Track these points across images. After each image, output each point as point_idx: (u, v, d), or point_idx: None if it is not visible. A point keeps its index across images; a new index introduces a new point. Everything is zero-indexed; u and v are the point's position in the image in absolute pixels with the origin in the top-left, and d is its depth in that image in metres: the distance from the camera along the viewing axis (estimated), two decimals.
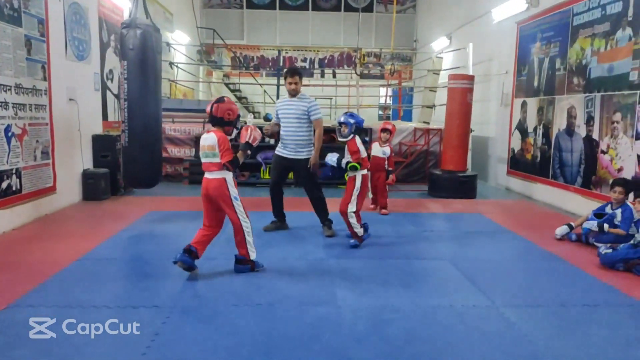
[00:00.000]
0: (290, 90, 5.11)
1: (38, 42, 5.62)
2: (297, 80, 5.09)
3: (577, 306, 3.44)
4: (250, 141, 3.89)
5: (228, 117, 3.83)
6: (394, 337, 2.92)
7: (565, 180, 6.94)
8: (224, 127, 3.86)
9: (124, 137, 5.77)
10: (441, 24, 13.47)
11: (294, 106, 5.10)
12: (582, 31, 6.56)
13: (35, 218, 5.57)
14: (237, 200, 3.84)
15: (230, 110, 3.83)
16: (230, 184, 3.82)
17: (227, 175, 3.82)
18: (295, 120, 5.08)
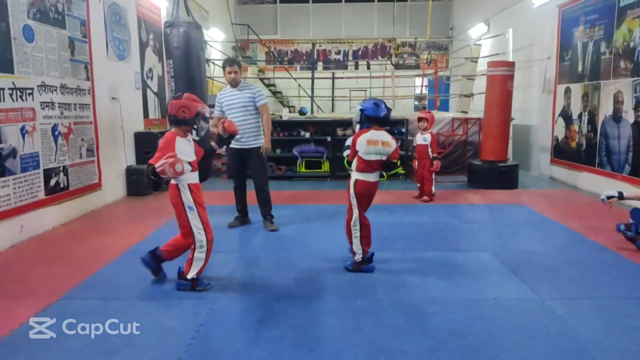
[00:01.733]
0: (230, 80, 4.97)
1: (81, 43, 5.80)
2: (237, 69, 4.97)
3: (628, 299, 3.30)
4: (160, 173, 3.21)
5: (182, 115, 3.36)
6: (435, 331, 2.88)
7: (612, 168, 6.67)
8: (180, 127, 3.40)
9: None
10: (478, 10, 13.13)
11: (238, 95, 4.98)
12: (629, 12, 6.25)
13: (82, 214, 5.78)
14: (192, 210, 3.39)
15: (184, 108, 3.36)
16: (183, 191, 3.38)
17: (180, 181, 3.37)
18: (241, 110, 4.97)
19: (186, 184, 3.40)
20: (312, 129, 8.76)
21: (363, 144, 3.71)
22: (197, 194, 3.44)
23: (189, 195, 3.39)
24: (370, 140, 3.72)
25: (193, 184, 3.44)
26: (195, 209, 3.40)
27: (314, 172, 8.50)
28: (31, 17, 4.87)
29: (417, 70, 16.43)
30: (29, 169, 4.84)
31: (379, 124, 3.79)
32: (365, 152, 3.72)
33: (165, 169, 3.19)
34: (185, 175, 3.36)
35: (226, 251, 4.34)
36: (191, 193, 3.40)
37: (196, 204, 3.41)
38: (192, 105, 3.40)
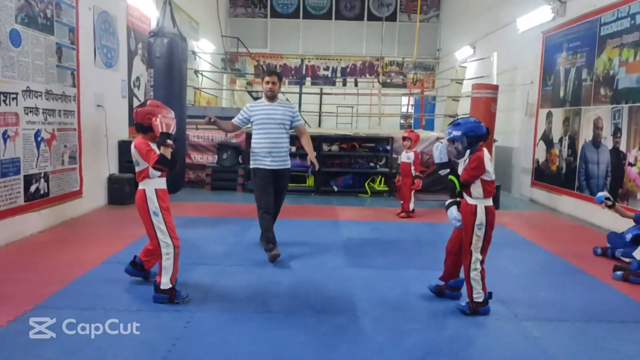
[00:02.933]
0: (267, 90, 4.59)
1: (68, 49, 5.77)
2: (276, 80, 4.58)
3: (603, 322, 3.35)
4: (165, 130, 3.28)
5: (147, 122, 3.36)
6: (413, 349, 2.89)
7: (591, 192, 6.80)
8: (147, 134, 3.42)
9: None
10: (465, 33, 13.40)
11: (278, 111, 4.62)
12: (610, 41, 6.45)
13: (62, 221, 5.70)
14: (156, 215, 3.36)
15: (149, 115, 3.36)
16: (149, 196, 3.37)
17: (148, 186, 3.39)
18: (278, 127, 4.59)
19: (153, 188, 3.41)
20: (297, 143, 8.75)
21: (488, 164, 3.30)
22: (164, 199, 3.44)
23: (155, 201, 3.39)
24: (490, 158, 3.40)
25: (160, 189, 3.45)
26: (161, 214, 3.39)
27: (298, 186, 8.51)
28: (19, 22, 4.84)
29: (403, 89, 16.66)
30: (9, 174, 4.77)
31: (484, 141, 3.39)
32: (492, 172, 3.32)
33: (168, 122, 3.30)
34: (153, 180, 3.41)
35: (206, 264, 4.32)
36: (157, 198, 3.40)
37: (162, 209, 3.40)
38: (156, 111, 3.41)
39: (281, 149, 4.64)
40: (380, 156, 8.92)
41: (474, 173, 3.28)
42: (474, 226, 3.31)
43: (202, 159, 8.86)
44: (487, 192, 3.32)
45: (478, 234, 3.31)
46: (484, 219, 3.30)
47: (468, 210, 3.34)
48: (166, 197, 3.48)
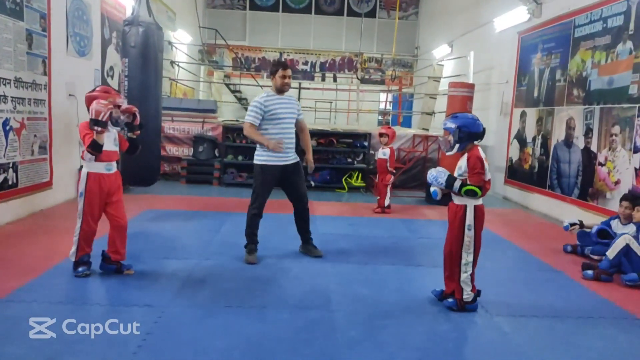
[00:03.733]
0: (283, 85, 4.32)
1: (39, 36, 5.60)
2: (290, 74, 4.38)
3: (571, 318, 3.43)
4: (94, 116, 3.39)
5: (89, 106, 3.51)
6: (386, 344, 2.91)
7: (562, 191, 6.95)
8: None
9: (123, 134, 5.75)
10: (443, 31, 13.51)
11: (292, 105, 4.43)
12: (583, 43, 6.58)
13: (31, 213, 5.55)
14: (81, 196, 3.61)
15: (94, 100, 3.49)
16: (82, 177, 3.60)
17: (84, 169, 3.60)
18: (289, 121, 4.40)
19: (86, 171, 3.58)
20: None
21: (484, 163, 3.26)
22: (92, 184, 3.56)
23: (84, 184, 3.57)
24: (485, 157, 3.31)
25: (94, 172, 3.58)
26: (83, 197, 3.58)
27: None
28: None
29: (382, 85, 16.72)
30: None
31: (479, 140, 3.34)
32: (487, 171, 3.26)
33: (97, 109, 3.39)
34: (87, 163, 3.57)
35: (179, 258, 4.26)
36: (87, 180, 3.56)
37: (86, 192, 3.57)
38: (101, 97, 3.54)
39: (292, 143, 4.42)
40: (357, 152, 8.95)
41: (482, 176, 3.21)
42: (465, 227, 3.25)
43: (178, 151, 8.74)
44: (483, 190, 3.26)
45: (469, 235, 3.25)
46: (473, 219, 3.25)
47: (458, 211, 3.28)
48: (104, 182, 3.60)
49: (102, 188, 3.60)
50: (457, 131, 3.27)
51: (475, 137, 3.31)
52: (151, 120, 5.80)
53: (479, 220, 3.27)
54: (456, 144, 3.30)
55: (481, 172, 3.19)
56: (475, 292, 3.37)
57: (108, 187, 3.63)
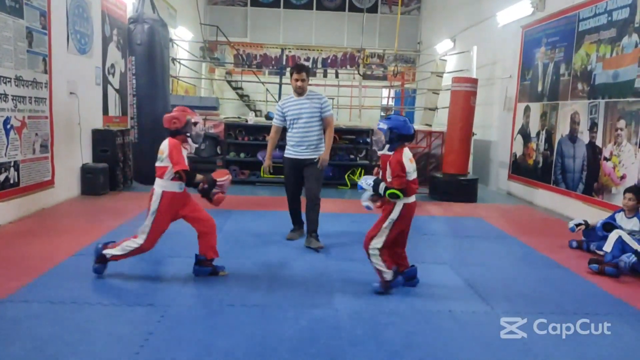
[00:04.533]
0: (297, 87, 4.73)
1: (39, 34, 5.57)
2: (304, 77, 4.70)
3: (578, 315, 3.38)
4: (218, 183, 3.68)
5: (174, 126, 3.60)
6: (391, 342, 2.88)
7: (567, 186, 6.90)
8: (175, 137, 3.62)
9: (134, 133, 5.78)
10: (445, 26, 13.43)
11: (306, 104, 4.75)
12: (587, 37, 6.51)
13: (33, 212, 5.53)
14: (152, 214, 3.54)
15: (175, 119, 3.61)
16: (156, 195, 3.55)
17: (158, 188, 3.56)
18: (307, 120, 4.75)
19: (161, 191, 3.54)
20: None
21: (408, 164, 3.46)
22: (165, 202, 3.54)
23: (157, 202, 3.54)
24: (410, 158, 3.51)
25: (167, 192, 3.55)
26: (154, 216, 3.53)
27: (277, 177, 8.42)
28: None
29: (384, 81, 16.65)
30: None
31: (409, 142, 3.58)
32: (411, 171, 3.47)
33: (225, 184, 3.73)
34: (164, 182, 3.55)
35: (181, 256, 4.23)
36: (161, 199, 3.53)
37: (158, 212, 3.53)
38: (181, 115, 3.63)
39: (311, 140, 4.79)
40: (360, 148, 8.90)
41: (401, 178, 3.42)
42: (386, 219, 3.49)
43: None
44: (408, 190, 3.45)
45: (387, 226, 3.49)
46: (397, 214, 3.47)
47: (389, 206, 3.51)
48: (176, 202, 3.60)
49: (173, 206, 3.60)
50: (388, 132, 3.48)
51: (405, 138, 3.52)
52: (161, 117, 5.77)
53: (404, 217, 3.51)
54: (386, 144, 3.51)
55: (401, 174, 3.41)
56: (391, 268, 3.56)
57: (178, 205, 3.63)
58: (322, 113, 4.80)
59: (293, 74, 4.74)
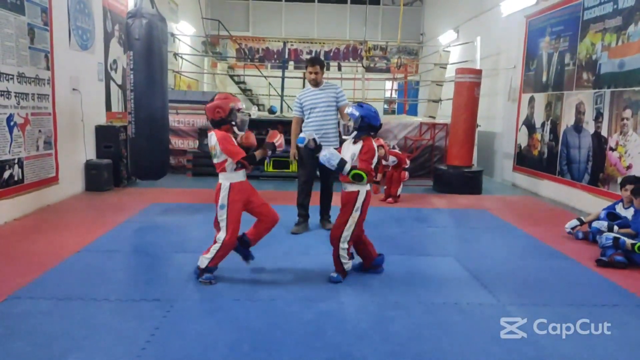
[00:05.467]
0: (311, 80, 4.95)
1: (41, 30, 5.56)
2: (318, 70, 4.89)
3: (585, 306, 3.37)
4: (277, 145, 3.57)
5: (218, 116, 3.48)
6: (397, 335, 2.87)
7: (572, 177, 6.86)
8: (220, 127, 3.51)
9: (131, 128, 5.74)
10: (448, 17, 13.33)
11: (321, 95, 4.93)
12: (592, 26, 6.45)
13: (37, 208, 5.54)
14: (222, 208, 3.49)
15: (218, 108, 3.47)
16: (223, 188, 3.49)
17: (225, 181, 3.49)
18: (323, 110, 4.93)
19: (228, 183, 3.49)
20: (281, 128, 8.66)
21: (375, 154, 3.58)
22: (238, 192, 3.50)
23: (226, 195, 3.48)
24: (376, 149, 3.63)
25: (236, 182, 3.51)
26: (226, 209, 3.47)
27: (281, 172, 8.43)
28: None
29: (387, 73, 16.57)
30: None
31: (375, 132, 3.65)
32: (374, 161, 3.60)
33: (282, 142, 3.60)
34: (229, 174, 3.50)
35: (186, 251, 4.23)
36: (229, 191, 3.47)
37: (229, 204, 3.47)
38: (223, 104, 3.50)
39: (328, 131, 4.94)
40: None
41: (369, 163, 3.53)
42: (352, 210, 3.54)
43: (183, 144, 8.72)
44: (370, 177, 3.56)
45: (354, 216, 3.55)
46: (362, 203, 3.56)
47: (351, 196, 3.56)
48: (244, 189, 3.54)
49: (243, 196, 3.54)
50: (359, 119, 3.53)
51: (372, 129, 3.59)
52: (158, 112, 5.78)
53: (366, 204, 3.60)
54: (354, 131, 3.56)
55: (369, 160, 3.53)
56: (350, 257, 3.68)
57: (247, 193, 3.58)
58: (338, 103, 4.96)
59: (307, 67, 4.94)
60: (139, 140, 5.72)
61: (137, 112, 5.66)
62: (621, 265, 4.11)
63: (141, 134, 5.68)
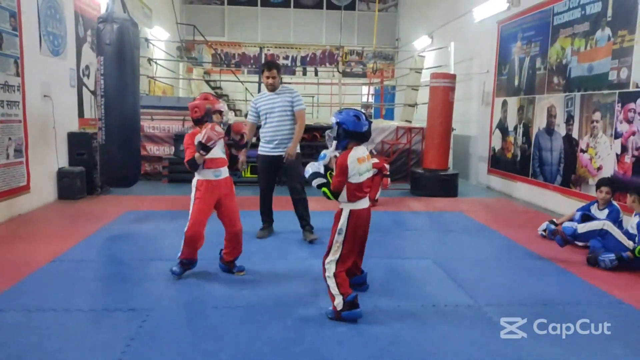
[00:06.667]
0: (268, 85, 4.80)
1: (10, 36, 5.43)
2: (275, 74, 4.74)
3: (560, 305, 3.44)
4: (204, 141, 3.44)
5: (196, 115, 3.66)
6: (376, 339, 2.87)
7: (545, 178, 7.00)
8: (199, 126, 3.65)
9: (101, 134, 5.62)
10: (423, 22, 13.51)
11: (277, 99, 4.80)
12: (562, 31, 6.61)
13: (8, 218, 5.39)
14: (191, 202, 3.68)
15: (196, 107, 3.65)
16: (193, 185, 3.69)
17: (195, 177, 3.68)
18: (281, 115, 4.80)
19: (196, 179, 3.67)
20: (258, 133, 8.64)
21: (355, 164, 3.02)
22: (200, 190, 3.64)
23: (194, 190, 3.66)
24: (360, 157, 3.07)
25: (202, 180, 3.65)
26: (193, 202, 3.66)
27: None
28: None
29: (363, 78, 16.67)
30: None
31: (360, 141, 3.12)
32: (358, 172, 3.05)
33: (210, 135, 3.44)
34: (199, 171, 3.63)
35: (162, 259, 4.16)
36: (197, 189, 3.65)
37: (196, 198, 3.65)
38: (200, 104, 3.65)
39: (284, 136, 4.83)
40: None
41: (339, 180, 3.03)
42: (335, 231, 3.09)
43: (159, 150, 8.60)
44: (351, 195, 3.05)
45: (337, 239, 3.08)
46: (345, 224, 3.07)
47: (336, 215, 3.14)
48: (211, 188, 3.64)
49: (212, 193, 3.66)
50: (336, 127, 3.07)
51: (355, 136, 3.08)
52: (130, 118, 5.68)
53: (351, 225, 3.08)
54: (334, 141, 3.09)
55: (340, 177, 3.02)
56: (349, 294, 3.05)
57: (218, 193, 3.68)
58: (294, 107, 4.83)
59: (264, 71, 4.81)
60: (109, 146, 5.59)
61: (107, 118, 5.54)
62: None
63: (112, 140, 5.56)
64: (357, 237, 3.16)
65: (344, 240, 3.08)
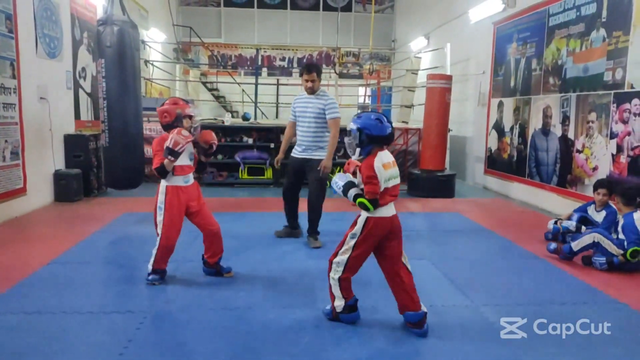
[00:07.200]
0: (307, 88, 4.71)
1: (6, 38, 5.43)
2: (315, 78, 4.66)
3: (556, 305, 3.45)
4: (171, 146, 3.38)
5: (165, 120, 3.56)
6: (373, 339, 2.88)
7: (541, 179, 7.03)
8: (169, 131, 3.53)
9: (105, 137, 5.63)
10: (419, 24, 13.54)
11: (312, 104, 4.71)
12: (557, 32, 6.64)
13: (5, 220, 5.39)
14: (160, 210, 3.57)
15: (165, 112, 3.55)
16: (161, 191, 3.58)
17: (162, 182, 3.58)
18: (311, 119, 4.70)
19: (165, 185, 3.57)
20: (255, 135, 8.66)
21: (381, 170, 2.83)
22: (172, 197, 3.55)
23: (163, 197, 3.55)
24: (386, 163, 2.88)
25: (171, 186, 3.57)
26: (163, 211, 3.56)
27: (256, 178, 8.40)
28: None
29: (360, 79, 16.69)
30: None
31: (384, 145, 2.95)
32: (385, 179, 2.85)
33: (177, 140, 3.38)
34: (168, 177, 3.55)
35: None
36: (166, 194, 3.54)
37: (166, 205, 3.55)
38: (171, 109, 3.56)
39: (312, 140, 4.74)
40: (339, 147, 8.88)
41: (371, 187, 2.82)
42: (349, 233, 2.97)
43: None
44: (380, 200, 2.87)
45: (349, 242, 2.96)
46: (360, 230, 2.92)
47: (355, 220, 2.99)
48: (180, 194, 3.57)
49: (180, 200, 3.58)
50: (357, 133, 2.90)
51: (379, 140, 2.91)
52: (133, 121, 5.68)
53: (366, 232, 2.91)
54: (357, 148, 2.95)
55: (373, 181, 2.81)
56: (349, 298, 3.03)
57: (187, 198, 3.61)
58: (326, 114, 4.68)
59: (303, 74, 4.72)
60: (112, 149, 5.60)
61: (110, 121, 5.54)
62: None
63: (115, 143, 5.57)
64: (371, 245, 2.96)
65: (355, 244, 2.94)
